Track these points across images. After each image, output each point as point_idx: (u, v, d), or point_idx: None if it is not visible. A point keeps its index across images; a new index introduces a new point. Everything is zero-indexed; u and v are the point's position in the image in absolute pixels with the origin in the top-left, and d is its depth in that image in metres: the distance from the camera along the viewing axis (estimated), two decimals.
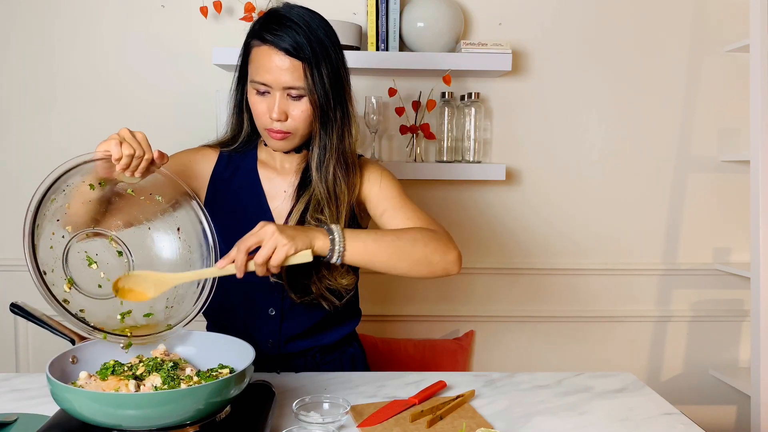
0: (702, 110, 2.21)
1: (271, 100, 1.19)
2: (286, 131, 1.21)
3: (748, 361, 2.29)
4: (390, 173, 1.36)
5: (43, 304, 1.00)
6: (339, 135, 1.24)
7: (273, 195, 1.32)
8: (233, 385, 0.92)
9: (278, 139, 1.22)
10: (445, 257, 1.21)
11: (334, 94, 1.21)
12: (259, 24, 1.20)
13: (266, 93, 1.19)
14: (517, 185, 2.21)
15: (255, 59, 1.19)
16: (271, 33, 1.16)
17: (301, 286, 1.27)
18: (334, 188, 1.25)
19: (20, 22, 2.07)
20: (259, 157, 1.35)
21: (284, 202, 1.31)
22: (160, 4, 2.09)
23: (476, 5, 2.13)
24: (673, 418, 1.12)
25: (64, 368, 0.98)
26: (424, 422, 1.05)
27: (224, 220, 1.25)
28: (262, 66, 1.18)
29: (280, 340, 1.33)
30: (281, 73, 1.16)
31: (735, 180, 2.24)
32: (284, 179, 1.33)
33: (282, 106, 1.18)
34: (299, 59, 1.16)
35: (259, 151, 1.36)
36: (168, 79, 2.11)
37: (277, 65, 1.16)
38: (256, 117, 1.23)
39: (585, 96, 2.18)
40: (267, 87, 1.18)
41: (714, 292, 2.29)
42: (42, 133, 2.11)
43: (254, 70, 1.19)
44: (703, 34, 2.18)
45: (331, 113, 1.21)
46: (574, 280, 2.24)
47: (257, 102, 1.21)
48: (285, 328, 1.32)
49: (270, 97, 1.19)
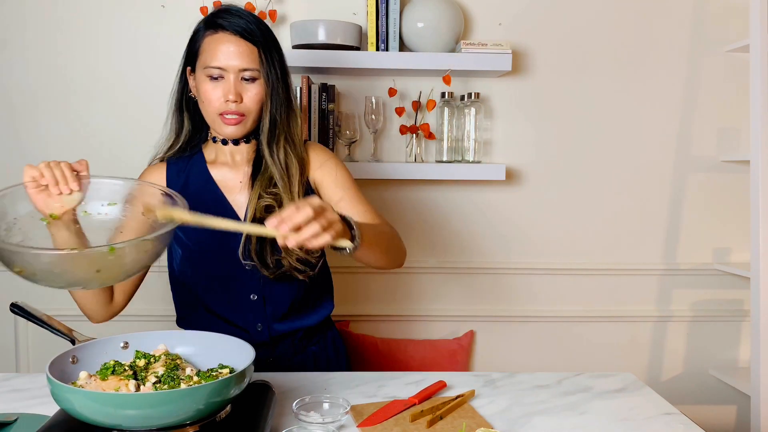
0: (702, 110, 2.21)
1: (225, 84, 1.26)
2: (240, 114, 1.27)
3: (748, 361, 2.29)
4: (341, 161, 1.44)
5: (43, 304, 1.00)
6: (286, 115, 1.32)
7: (229, 189, 1.36)
8: (233, 385, 0.92)
9: (233, 124, 1.28)
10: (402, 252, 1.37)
11: (282, 77, 1.30)
12: (210, 16, 1.30)
13: (219, 78, 1.26)
14: (517, 185, 2.21)
15: (208, 47, 1.27)
16: (225, 20, 1.26)
17: (272, 262, 1.30)
18: (285, 163, 1.31)
19: (20, 22, 2.07)
20: (207, 158, 1.39)
21: (241, 192, 1.35)
22: (160, 4, 2.09)
23: (476, 5, 2.13)
24: (673, 418, 1.12)
25: (64, 368, 0.98)
26: (424, 422, 1.05)
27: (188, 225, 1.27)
28: (217, 51, 1.25)
29: (267, 323, 1.37)
30: (237, 56, 1.25)
31: (735, 180, 2.24)
32: (237, 171, 1.37)
33: (237, 88, 1.26)
34: (253, 43, 1.26)
35: (205, 152, 1.40)
36: (168, 79, 2.10)
37: (233, 49, 1.25)
38: (208, 104, 1.28)
39: (585, 96, 2.18)
40: (222, 71, 1.25)
41: (714, 292, 2.29)
42: (42, 133, 2.11)
43: (208, 57, 1.26)
44: (703, 34, 2.18)
45: (282, 93, 1.30)
46: (574, 280, 2.24)
47: (210, 89, 1.26)
48: (270, 311, 1.36)
49: (224, 81, 1.26)
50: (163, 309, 2.17)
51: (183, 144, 1.38)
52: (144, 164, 2.12)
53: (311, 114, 2.01)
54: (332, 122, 2.03)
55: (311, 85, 2.01)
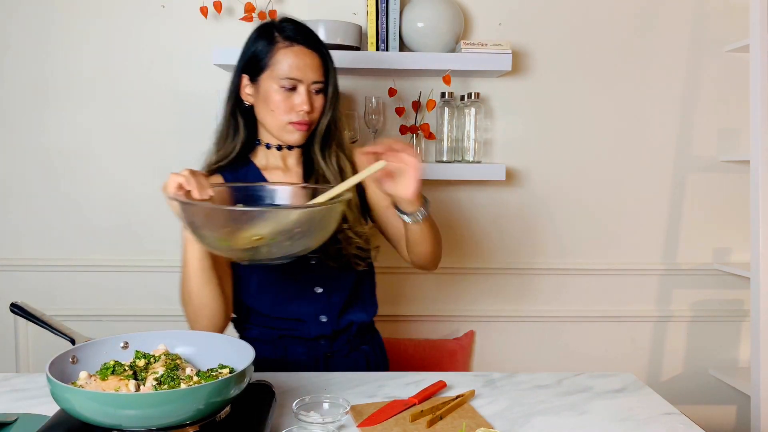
0: (702, 110, 2.21)
1: (299, 95, 1.32)
2: (309, 122, 1.34)
3: (748, 361, 2.29)
4: None
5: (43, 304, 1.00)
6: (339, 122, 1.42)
7: None
8: (233, 385, 0.92)
9: (303, 130, 1.35)
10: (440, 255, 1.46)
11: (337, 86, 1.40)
12: (280, 29, 1.34)
13: (293, 89, 1.32)
14: (517, 185, 2.21)
15: (284, 59, 1.31)
16: (301, 35, 1.33)
17: (334, 252, 1.36)
18: (339, 166, 1.40)
19: (19, 23, 2.07)
20: (259, 165, 1.42)
21: None
22: (160, 4, 2.09)
23: (476, 5, 2.13)
24: (673, 418, 1.12)
25: (64, 368, 0.98)
26: (424, 422, 1.05)
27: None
28: (293, 64, 1.31)
29: (330, 315, 1.41)
30: (312, 68, 1.32)
31: (735, 180, 2.24)
32: (290, 175, 1.42)
33: (310, 99, 1.33)
34: (321, 57, 1.34)
35: (256, 160, 1.43)
36: (168, 79, 2.11)
37: (309, 62, 1.32)
38: (279, 113, 1.33)
39: (585, 96, 2.18)
40: (296, 82, 1.31)
41: (714, 292, 2.29)
42: (41, 133, 2.11)
43: (285, 68, 1.31)
44: (703, 34, 2.18)
45: (337, 101, 1.39)
46: (574, 280, 2.24)
47: (283, 99, 1.32)
48: (334, 302, 1.40)
49: (297, 92, 1.32)
50: (163, 309, 2.18)
51: (238, 152, 1.41)
52: (144, 164, 2.13)
53: None
54: None
55: None
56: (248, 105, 1.39)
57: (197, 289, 1.25)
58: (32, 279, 2.15)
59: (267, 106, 1.33)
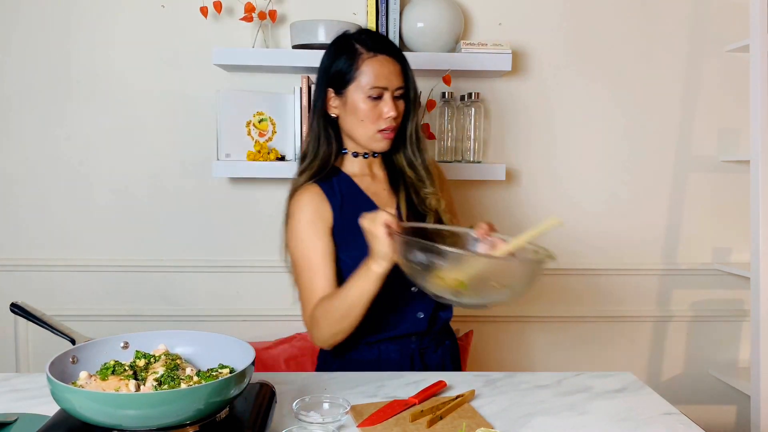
0: (702, 110, 2.21)
1: (385, 102, 1.36)
2: (394, 128, 1.38)
3: (748, 361, 2.29)
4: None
5: (43, 303, 1.00)
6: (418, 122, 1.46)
7: (379, 199, 1.43)
8: (233, 385, 0.92)
9: (390, 138, 1.39)
10: None
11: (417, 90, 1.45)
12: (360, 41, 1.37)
13: (379, 98, 1.35)
14: (517, 185, 2.21)
15: (369, 69, 1.35)
16: (381, 45, 1.37)
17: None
18: (426, 165, 1.45)
19: (19, 23, 2.07)
20: (349, 172, 1.45)
21: (388, 200, 1.44)
22: (160, 4, 2.09)
23: (476, 5, 2.13)
24: (673, 418, 1.12)
25: (64, 368, 0.98)
26: (424, 422, 1.05)
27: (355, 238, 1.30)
28: (379, 73, 1.35)
29: (428, 312, 1.42)
30: (395, 75, 1.36)
31: (735, 180, 2.24)
32: (378, 181, 1.46)
33: (396, 105, 1.37)
34: (401, 63, 1.38)
35: (344, 168, 1.45)
36: (168, 79, 2.11)
37: (392, 69, 1.36)
38: (369, 122, 1.36)
39: (585, 96, 2.18)
40: (382, 90, 1.35)
41: (714, 292, 2.29)
42: (41, 133, 2.11)
43: (371, 78, 1.35)
44: (703, 34, 2.18)
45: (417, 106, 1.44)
46: (573, 280, 2.24)
47: (370, 108, 1.36)
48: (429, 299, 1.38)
49: (383, 100, 1.36)
50: (163, 309, 2.18)
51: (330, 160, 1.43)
52: (144, 164, 2.13)
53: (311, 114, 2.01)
54: None
55: (311, 85, 2.01)
56: (334, 117, 1.42)
57: (358, 316, 1.26)
58: (32, 279, 2.15)
59: (356, 117, 1.37)
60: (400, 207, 1.41)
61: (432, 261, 1.06)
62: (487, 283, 1.07)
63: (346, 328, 1.28)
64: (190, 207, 2.16)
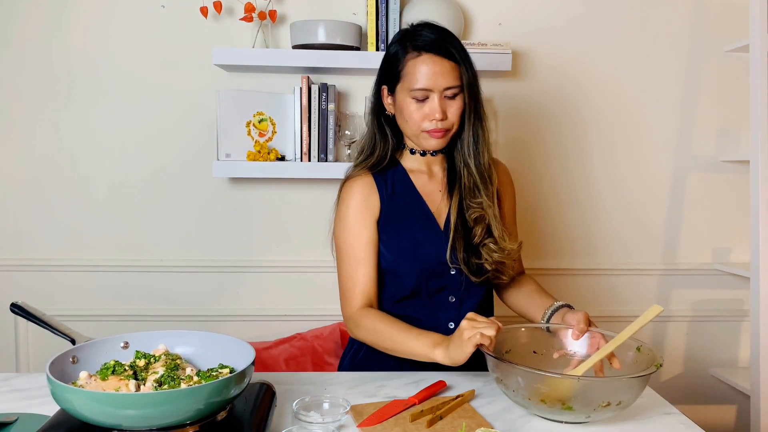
0: (701, 110, 2.21)
1: (430, 104, 1.30)
2: (445, 129, 1.32)
3: (748, 360, 2.30)
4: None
5: (43, 304, 1.00)
6: (483, 125, 1.37)
7: (431, 198, 1.40)
8: (233, 385, 0.92)
9: (438, 137, 1.33)
10: None
11: (478, 91, 1.36)
12: (407, 39, 1.33)
13: (426, 98, 1.30)
14: (517, 185, 2.20)
15: (413, 70, 1.30)
16: (425, 41, 1.30)
17: (475, 267, 1.35)
18: (488, 171, 1.38)
19: (20, 23, 2.07)
20: (407, 167, 1.43)
21: (442, 201, 1.40)
22: (160, 4, 2.09)
23: (476, 5, 2.13)
24: (673, 418, 1.12)
25: (64, 368, 0.98)
26: (424, 422, 1.05)
27: (398, 233, 1.36)
28: (422, 74, 1.29)
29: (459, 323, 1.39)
30: (441, 75, 1.29)
31: (734, 180, 2.24)
32: (435, 181, 1.42)
33: (443, 106, 1.30)
34: (455, 61, 1.30)
35: (402, 162, 1.44)
36: (168, 79, 2.11)
37: (438, 70, 1.29)
38: (413, 123, 1.32)
39: (585, 96, 2.19)
40: (428, 92, 1.30)
41: (713, 292, 2.29)
42: (42, 133, 2.11)
43: (414, 79, 1.30)
44: (703, 34, 2.18)
45: (478, 105, 1.36)
46: (574, 281, 2.24)
47: (416, 109, 1.31)
48: (463, 312, 1.38)
49: (429, 101, 1.31)
50: (163, 309, 2.18)
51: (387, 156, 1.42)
52: (144, 164, 2.13)
53: (311, 114, 2.01)
54: (332, 122, 2.03)
55: (311, 85, 2.02)
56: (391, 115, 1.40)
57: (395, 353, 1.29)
58: (32, 279, 2.15)
59: (402, 116, 1.34)
60: (451, 211, 1.37)
61: (531, 384, 1.04)
62: (593, 402, 1.03)
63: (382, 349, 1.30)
64: (190, 207, 2.16)
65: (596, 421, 1.08)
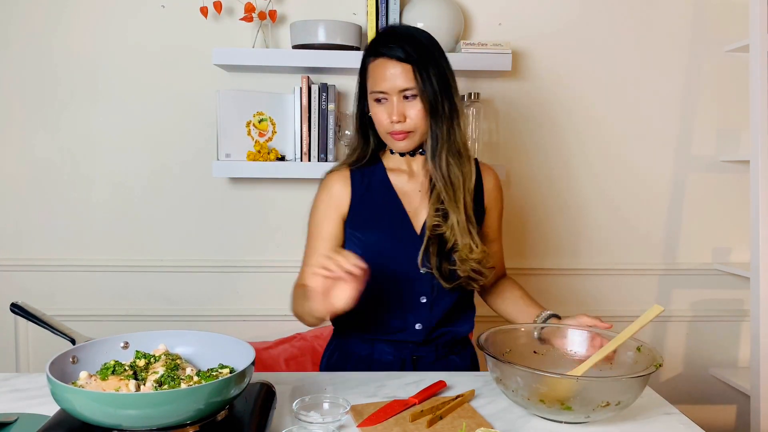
0: (701, 110, 2.21)
1: (389, 105, 1.33)
2: (406, 131, 1.33)
3: (747, 360, 2.30)
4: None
5: (43, 304, 1.00)
6: (448, 127, 1.35)
7: (408, 198, 1.41)
8: (233, 385, 0.92)
9: (401, 139, 1.35)
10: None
11: (441, 92, 1.33)
12: (372, 42, 1.37)
13: (384, 100, 1.33)
14: (516, 185, 2.21)
15: (372, 72, 1.34)
16: (384, 47, 1.32)
17: (447, 272, 1.36)
18: (449, 175, 1.35)
19: (19, 22, 2.07)
20: (387, 166, 1.45)
21: (420, 202, 1.41)
22: (160, 5, 2.09)
23: (476, 5, 2.13)
24: (673, 418, 1.12)
25: (64, 368, 0.98)
26: (424, 422, 1.05)
27: (369, 228, 1.39)
28: (379, 76, 1.32)
29: (429, 325, 1.41)
30: (395, 78, 1.31)
31: (734, 180, 2.24)
32: (415, 181, 1.43)
33: (399, 108, 1.32)
34: (409, 63, 1.30)
35: (385, 160, 1.45)
36: (168, 79, 2.11)
37: (392, 72, 1.31)
38: (378, 124, 1.36)
39: (585, 96, 2.19)
40: (384, 94, 1.32)
41: (713, 292, 2.29)
42: (42, 133, 2.11)
43: (372, 82, 1.34)
44: (703, 34, 2.18)
45: (440, 108, 1.33)
46: (574, 281, 2.24)
47: (378, 111, 1.34)
48: (434, 314, 1.40)
49: (388, 103, 1.33)
50: (163, 309, 2.18)
51: (369, 155, 1.45)
52: (144, 164, 2.13)
53: (311, 114, 2.01)
54: (332, 122, 2.03)
55: (311, 85, 2.02)
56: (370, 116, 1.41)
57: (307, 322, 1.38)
58: (32, 279, 2.15)
59: (373, 119, 1.37)
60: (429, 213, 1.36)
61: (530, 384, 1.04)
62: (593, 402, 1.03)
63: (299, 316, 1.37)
64: (190, 207, 2.16)
65: (596, 421, 1.08)
